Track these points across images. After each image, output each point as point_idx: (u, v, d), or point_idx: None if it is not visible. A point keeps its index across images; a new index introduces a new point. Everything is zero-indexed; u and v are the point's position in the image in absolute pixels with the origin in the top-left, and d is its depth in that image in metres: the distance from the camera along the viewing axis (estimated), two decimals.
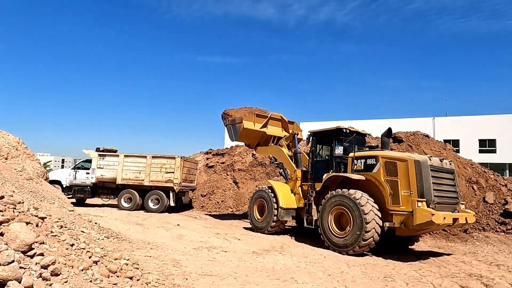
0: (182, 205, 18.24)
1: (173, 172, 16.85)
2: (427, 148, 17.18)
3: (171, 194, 17.00)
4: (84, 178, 17.51)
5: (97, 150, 17.71)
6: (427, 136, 18.89)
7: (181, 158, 17.37)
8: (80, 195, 17.51)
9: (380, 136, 18.32)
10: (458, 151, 25.76)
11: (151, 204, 16.81)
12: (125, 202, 16.92)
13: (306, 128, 17.29)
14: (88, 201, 19.48)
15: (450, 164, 9.60)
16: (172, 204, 16.97)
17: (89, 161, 17.81)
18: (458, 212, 9.16)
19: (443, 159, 9.52)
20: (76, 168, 17.88)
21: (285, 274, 6.60)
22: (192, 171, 18.66)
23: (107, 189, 17.46)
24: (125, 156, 17.22)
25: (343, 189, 9.44)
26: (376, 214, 8.71)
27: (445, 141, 23.69)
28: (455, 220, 8.60)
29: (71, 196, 17.46)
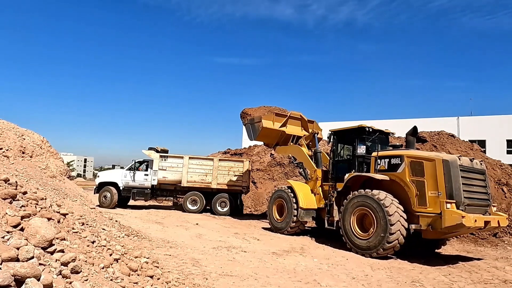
0: None
1: (242, 175, 16.76)
2: (453, 149, 16.52)
3: (239, 196, 17.03)
4: (142, 179, 16.54)
5: (151, 149, 16.97)
6: (452, 135, 18.20)
7: (249, 161, 17.49)
8: (139, 197, 16.69)
9: (403, 136, 17.79)
10: (484, 151, 24.64)
11: (219, 207, 16.53)
12: (190, 204, 16.55)
13: (326, 127, 16.97)
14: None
15: (481, 164, 9.10)
16: (239, 206, 16.93)
17: (142, 162, 17.12)
18: (490, 214, 8.69)
19: (473, 159, 9.05)
20: (132, 169, 16.76)
21: (307, 276, 6.39)
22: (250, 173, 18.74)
23: (165, 191, 16.86)
24: (190, 158, 16.79)
25: (366, 190, 9.11)
26: (401, 216, 8.37)
27: (471, 141, 22.73)
28: (486, 223, 8.15)
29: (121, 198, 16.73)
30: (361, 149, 10.35)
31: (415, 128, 10.10)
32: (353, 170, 10.23)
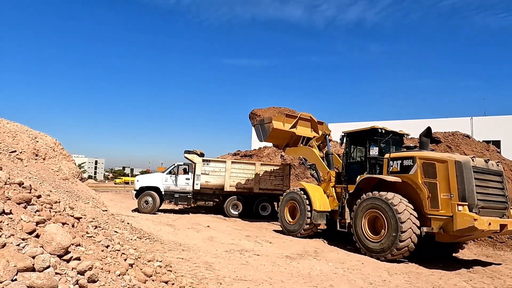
0: None
1: (282, 179, 16.74)
2: (468, 149, 16.14)
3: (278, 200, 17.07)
4: (184, 184, 16.12)
5: (189, 153, 16.50)
6: (467, 136, 17.79)
7: (289, 165, 17.52)
8: (182, 202, 16.33)
9: (416, 137, 17.46)
10: (499, 152, 24.01)
11: (260, 211, 16.50)
12: (232, 209, 16.35)
13: (337, 128, 16.74)
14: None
15: (498, 165, 8.82)
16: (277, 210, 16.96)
17: (181, 165, 16.67)
18: (508, 217, 8.41)
19: (488, 160, 8.82)
20: (172, 173, 16.27)
21: (322, 281, 6.23)
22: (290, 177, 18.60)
23: (205, 195, 16.48)
24: (232, 162, 16.63)
25: (377, 192, 8.98)
26: (412, 219, 8.21)
27: (485, 142, 22.17)
28: (503, 226, 7.87)
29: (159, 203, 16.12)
30: (374, 151, 10.20)
31: (429, 128, 9.86)
32: (365, 172, 10.09)
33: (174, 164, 16.61)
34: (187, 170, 16.44)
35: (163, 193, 15.98)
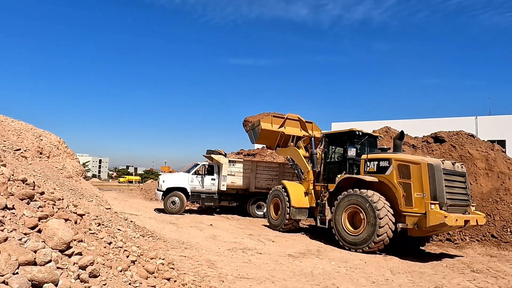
0: None
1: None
2: (473, 149, 16.00)
3: None
4: (210, 184, 16.02)
5: (212, 152, 16.51)
6: (472, 135, 17.63)
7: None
8: (208, 202, 16.19)
9: (420, 136, 17.49)
10: (504, 152, 23.72)
11: None
12: (257, 209, 16.47)
13: (340, 128, 16.70)
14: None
15: (462, 167, 9.60)
16: None
17: (197, 165, 16.55)
18: (469, 214, 9.15)
19: (455, 162, 9.56)
20: (198, 173, 16.08)
21: (325, 279, 6.22)
22: None
23: (229, 195, 16.38)
24: (258, 163, 16.75)
25: (361, 190, 9.43)
26: (389, 215, 8.83)
27: (490, 141, 21.97)
28: (466, 222, 8.66)
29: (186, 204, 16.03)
30: (352, 152, 10.76)
31: (402, 132, 10.62)
32: (344, 172, 10.65)
33: (197, 164, 16.42)
34: (212, 171, 16.23)
35: (189, 193, 15.84)
